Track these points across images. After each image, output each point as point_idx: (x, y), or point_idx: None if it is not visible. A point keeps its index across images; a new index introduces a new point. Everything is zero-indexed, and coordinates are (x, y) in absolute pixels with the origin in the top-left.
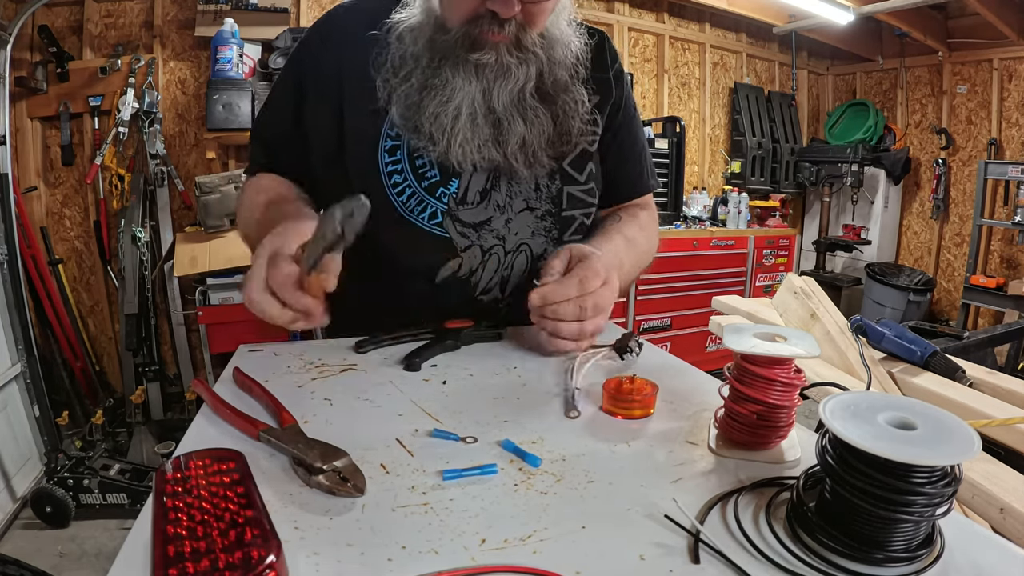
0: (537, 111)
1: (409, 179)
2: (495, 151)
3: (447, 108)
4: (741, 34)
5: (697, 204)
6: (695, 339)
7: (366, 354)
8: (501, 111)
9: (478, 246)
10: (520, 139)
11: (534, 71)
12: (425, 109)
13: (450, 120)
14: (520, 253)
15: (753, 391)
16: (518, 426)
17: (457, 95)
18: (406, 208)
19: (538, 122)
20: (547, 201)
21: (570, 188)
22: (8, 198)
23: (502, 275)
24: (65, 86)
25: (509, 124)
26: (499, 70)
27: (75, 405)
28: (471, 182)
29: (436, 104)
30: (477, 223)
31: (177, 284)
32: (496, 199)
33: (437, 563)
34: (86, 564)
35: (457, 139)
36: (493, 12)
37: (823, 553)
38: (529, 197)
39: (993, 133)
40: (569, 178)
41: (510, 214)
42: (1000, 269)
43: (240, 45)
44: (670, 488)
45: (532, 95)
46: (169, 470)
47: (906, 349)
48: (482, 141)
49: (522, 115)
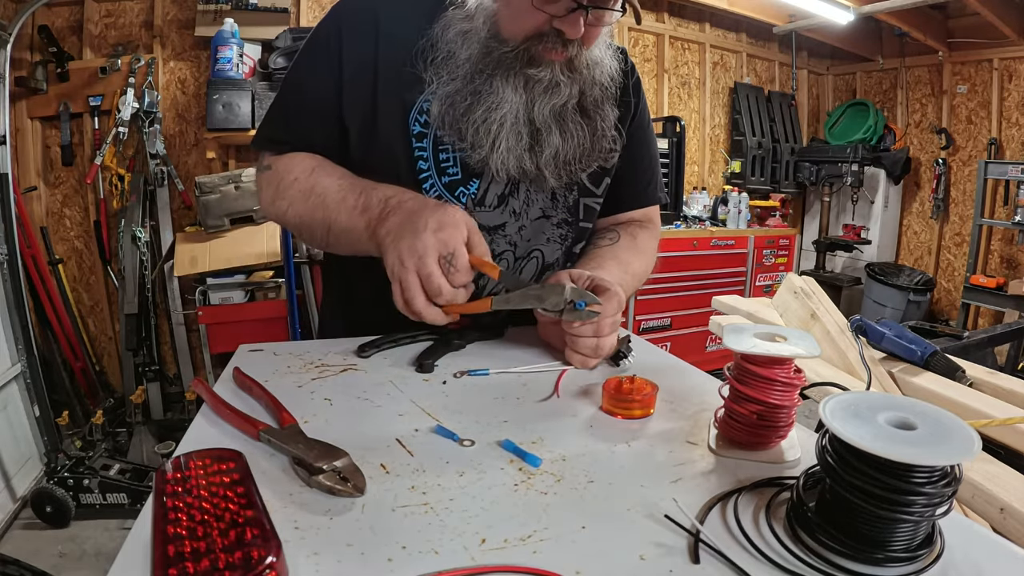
0: (579, 126)
1: (431, 171)
2: (529, 161)
3: (493, 116)
4: (741, 34)
5: (697, 204)
6: (695, 339)
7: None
8: (540, 122)
9: (489, 250)
10: (554, 151)
11: (577, 90)
12: (472, 113)
13: (495, 128)
14: (531, 259)
15: (753, 391)
16: (518, 426)
17: (504, 105)
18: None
19: (576, 136)
20: (564, 210)
21: (587, 200)
22: (8, 198)
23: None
24: (65, 86)
25: (546, 135)
26: (549, 86)
27: (75, 405)
28: (491, 186)
29: (483, 111)
30: (491, 227)
31: (177, 284)
32: (513, 205)
33: (437, 563)
34: (86, 564)
35: (499, 147)
36: (558, 31)
37: (823, 553)
38: (546, 206)
39: (993, 133)
40: (586, 190)
41: (524, 221)
42: (1000, 269)
43: (240, 45)
44: (670, 488)
45: (574, 109)
46: (169, 470)
47: (906, 349)
48: (521, 151)
49: (560, 127)
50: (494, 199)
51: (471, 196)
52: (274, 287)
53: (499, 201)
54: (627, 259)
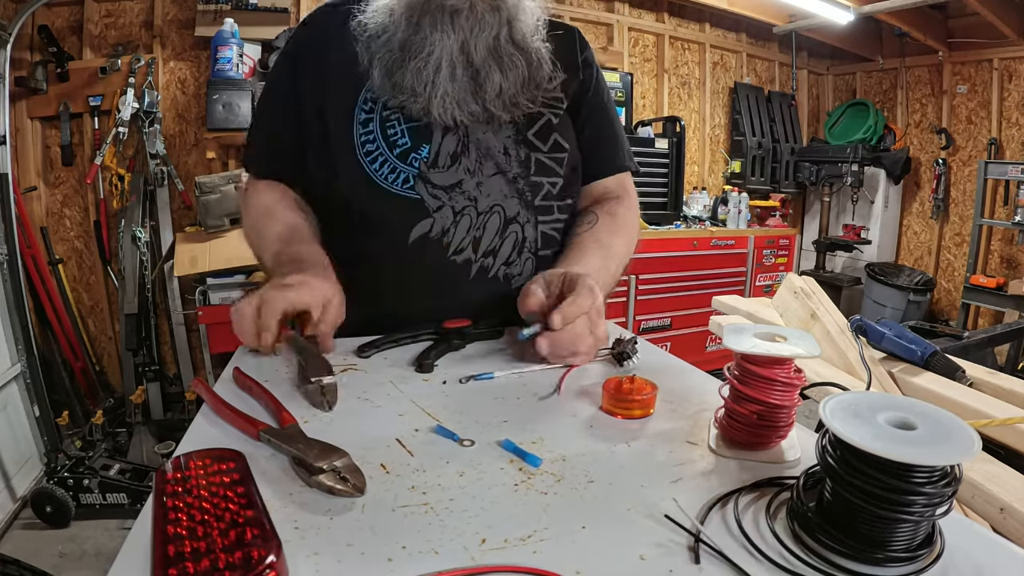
0: (513, 57)
1: (381, 147)
2: (474, 103)
3: (428, 61)
4: (741, 34)
5: (697, 204)
6: (695, 339)
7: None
8: (479, 62)
9: (449, 207)
10: (497, 88)
11: (506, 18)
12: (406, 66)
13: (431, 74)
14: (493, 214)
15: (753, 391)
16: (518, 426)
17: (437, 48)
18: (379, 175)
19: (514, 68)
20: (517, 165)
21: (536, 155)
22: (8, 198)
23: (474, 235)
24: (65, 86)
25: (487, 74)
26: (474, 19)
27: (75, 405)
28: (442, 146)
29: (418, 61)
30: (448, 185)
31: (177, 284)
32: (466, 164)
33: (437, 563)
34: (86, 564)
35: (438, 92)
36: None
37: (823, 553)
38: (499, 161)
39: (993, 133)
40: (533, 146)
41: (480, 177)
42: (1000, 269)
43: (240, 45)
44: (670, 488)
45: (508, 41)
46: (169, 470)
47: (906, 349)
48: (461, 95)
49: (498, 63)
50: (446, 159)
51: (423, 160)
52: None
53: (451, 160)
54: (608, 241)
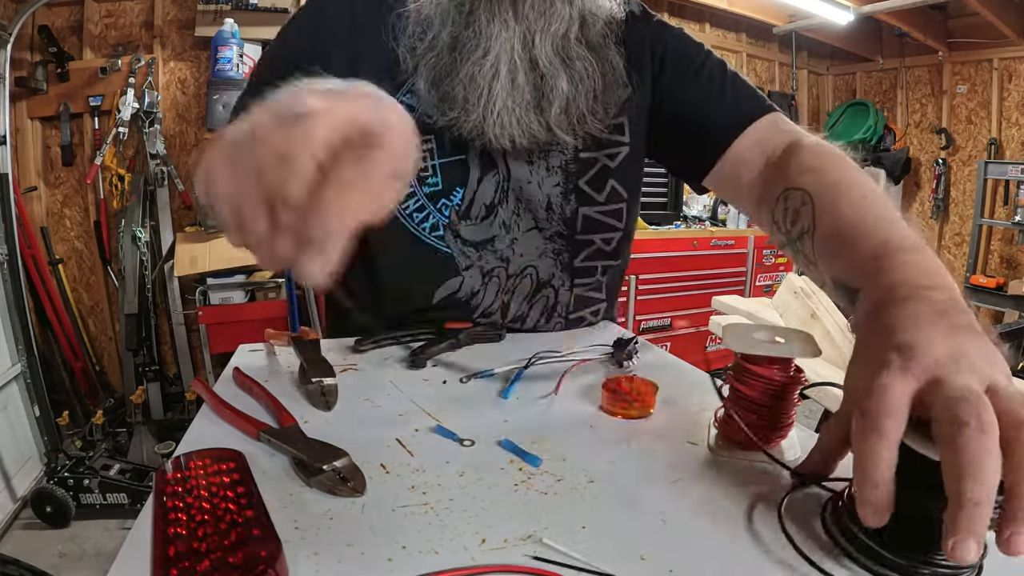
0: (585, 61)
1: (412, 180)
2: (536, 121)
3: (484, 63)
4: (741, 34)
5: (697, 204)
6: (695, 339)
7: (365, 353)
8: (545, 64)
9: (478, 267)
10: (564, 100)
11: (577, 12)
12: (459, 70)
13: (487, 80)
14: (524, 277)
15: (753, 391)
16: (518, 426)
17: (495, 45)
18: (406, 212)
19: (586, 76)
20: (559, 223)
21: (586, 209)
22: (8, 198)
23: (503, 300)
24: (65, 86)
25: (552, 80)
26: (543, 6)
27: (75, 405)
28: (477, 193)
29: (470, 64)
30: (479, 241)
31: (177, 284)
32: (502, 217)
33: (437, 563)
34: (86, 564)
35: (495, 106)
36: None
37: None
38: (539, 216)
39: (993, 133)
40: (586, 197)
41: (516, 233)
42: (1000, 269)
43: (240, 45)
44: (670, 488)
45: (578, 40)
46: (169, 470)
47: None
48: (522, 110)
49: (566, 67)
50: (481, 209)
51: (455, 208)
52: (274, 287)
53: (487, 212)
54: (879, 213)
